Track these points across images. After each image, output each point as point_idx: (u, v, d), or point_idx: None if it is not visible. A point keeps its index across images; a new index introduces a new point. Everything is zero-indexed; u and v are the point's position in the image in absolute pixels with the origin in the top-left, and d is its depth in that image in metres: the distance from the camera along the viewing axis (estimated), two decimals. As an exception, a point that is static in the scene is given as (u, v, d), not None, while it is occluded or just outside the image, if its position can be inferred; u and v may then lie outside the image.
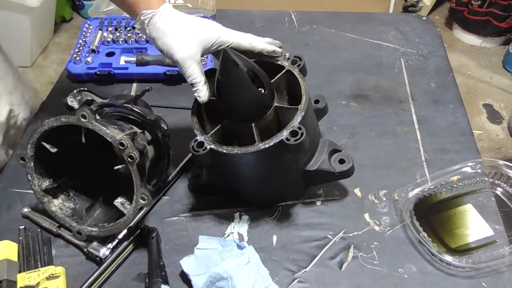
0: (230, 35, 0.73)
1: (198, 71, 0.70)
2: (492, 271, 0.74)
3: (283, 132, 0.68)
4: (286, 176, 0.78)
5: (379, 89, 1.08)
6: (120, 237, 0.75)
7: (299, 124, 0.68)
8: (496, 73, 2.58)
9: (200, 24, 0.72)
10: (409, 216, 0.79)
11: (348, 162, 0.77)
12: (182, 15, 0.72)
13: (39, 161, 0.74)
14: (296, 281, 0.73)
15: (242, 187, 0.83)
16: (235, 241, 0.76)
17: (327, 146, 0.79)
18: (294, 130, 0.67)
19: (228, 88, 0.69)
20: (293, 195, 0.84)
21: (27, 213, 0.80)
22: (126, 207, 0.74)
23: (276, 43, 0.77)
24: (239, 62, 0.66)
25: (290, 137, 0.67)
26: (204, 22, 0.73)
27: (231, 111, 0.73)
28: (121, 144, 0.65)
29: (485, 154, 2.11)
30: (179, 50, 0.69)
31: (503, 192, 0.85)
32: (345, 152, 0.79)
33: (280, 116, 0.74)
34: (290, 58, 0.79)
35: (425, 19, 1.33)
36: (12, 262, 0.72)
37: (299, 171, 0.77)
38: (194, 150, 0.70)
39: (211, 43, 0.71)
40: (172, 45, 0.69)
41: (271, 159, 0.72)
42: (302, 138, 0.66)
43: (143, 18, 0.70)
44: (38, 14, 2.42)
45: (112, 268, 0.73)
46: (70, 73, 1.09)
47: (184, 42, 0.69)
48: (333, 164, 0.77)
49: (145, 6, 0.69)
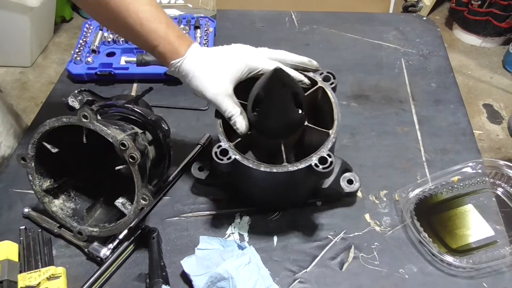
0: (258, 60, 0.71)
1: (231, 104, 0.70)
2: (493, 272, 0.74)
3: (312, 157, 0.67)
4: (298, 191, 0.79)
5: (380, 89, 1.08)
6: (121, 238, 0.75)
7: (328, 151, 0.67)
8: (496, 73, 2.58)
9: (226, 57, 0.71)
10: (409, 217, 0.80)
11: (355, 183, 0.78)
12: (208, 53, 0.72)
13: (40, 161, 0.74)
14: (297, 281, 0.73)
15: (248, 192, 0.83)
16: (236, 241, 0.76)
17: (340, 165, 0.78)
18: (323, 157, 0.66)
19: (269, 105, 0.67)
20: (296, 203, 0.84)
21: (27, 213, 0.80)
22: (127, 207, 0.74)
23: (313, 64, 0.76)
24: (287, 83, 0.64)
25: (319, 163, 0.66)
26: (231, 53, 0.72)
27: (265, 127, 0.71)
28: (122, 145, 0.65)
29: (485, 154, 2.11)
30: (210, 88, 0.69)
31: (504, 192, 0.85)
32: (354, 172, 0.80)
33: (308, 134, 0.73)
34: (323, 73, 0.76)
35: (425, 19, 1.33)
36: (12, 262, 0.72)
37: (311, 188, 0.78)
38: (218, 157, 0.67)
39: (240, 74, 0.71)
40: (202, 85, 0.70)
41: (293, 178, 0.71)
42: (331, 167, 0.65)
43: (172, 69, 0.71)
44: (38, 14, 2.42)
45: (113, 268, 0.73)
46: (71, 73, 1.09)
47: (213, 79, 0.69)
48: (343, 183, 0.79)
49: (174, 56, 0.70)
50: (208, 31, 1.18)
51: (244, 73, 0.71)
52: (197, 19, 1.21)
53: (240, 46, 0.73)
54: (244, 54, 0.72)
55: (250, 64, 0.71)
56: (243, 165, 0.67)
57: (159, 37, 0.69)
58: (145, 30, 0.69)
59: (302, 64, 0.75)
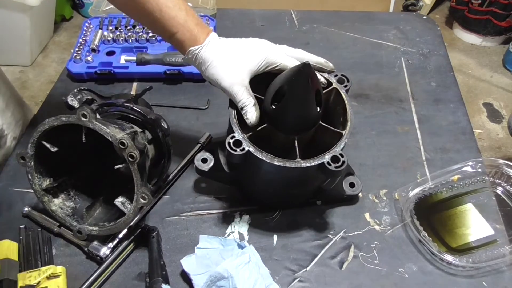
0: (276, 56, 0.71)
1: (246, 95, 0.69)
2: (493, 271, 0.74)
3: (325, 155, 0.67)
4: (303, 189, 0.79)
5: (380, 88, 1.08)
6: (120, 237, 0.75)
7: (341, 151, 0.67)
8: (496, 72, 2.58)
9: (245, 49, 0.71)
10: (409, 216, 0.80)
11: (357, 187, 0.79)
12: (227, 43, 0.72)
13: (40, 160, 0.74)
14: (297, 280, 0.73)
15: (252, 188, 0.82)
16: (235, 240, 0.76)
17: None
18: (336, 156, 0.67)
19: (292, 99, 0.66)
20: (298, 202, 0.84)
21: (27, 213, 0.80)
22: (126, 206, 0.74)
23: (329, 65, 0.77)
24: (313, 79, 0.64)
25: (331, 162, 0.66)
26: (250, 45, 0.72)
27: (283, 121, 0.70)
28: (121, 144, 0.65)
29: (485, 153, 2.11)
30: (226, 77, 0.69)
31: (504, 191, 0.85)
32: (356, 176, 0.81)
33: (320, 133, 0.73)
34: (338, 75, 0.77)
35: (425, 18, 1.33)
36: (12, 261, 0.72)
37: (315, 187, 0.78)
38: (231, 148, 0.67)
39: (258, 67, 0.71)
40: (218, 74, 0.70)
41: (303, 175, 0.71)
42: (343, 166, 0.66)
43: (190, 56, 0.71)
44: (38, 13, 2.41)
45: (113, 267, 0.73)
46: (70, 72, 1.09)
47: (230, 69, 0.69)
48: (345, 186, 0.79)
49: (192, 43, 0.70)
50: (208, 30, 1.18)
51: (261, 66, 0.71)
52: (197, 18, 1.21)
53: (260, 40, 0.73)
54: (264, 47, 0.72)
55: (269, 58, 0.71)
56: (256, 158, 0.67)
57: (178, 24, 0.69)
58: (165, 16, 0.68)
59: (319, 64, 0.76)
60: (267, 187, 0.79)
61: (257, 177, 0.77)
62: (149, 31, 1.16)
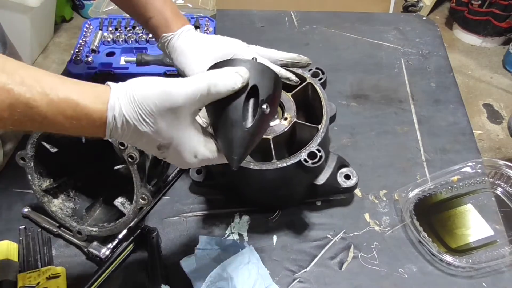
0: (245, 55, 0.72)
1: None
2: (493, 271, 0.74)
3: (301, 152, 0.67)
4: (292, 188, 0.78)
5: (379, 89, 1.08)
6: (120, 237, 0.75)
7: (318, 146, 0.67)
8: (496, 73, 2.58)
9: (216, 43, 0.73)
10: (409, 216, 0.79)
11: (353, 178, 0.78)
12: (200, 36, 0.74)
13: (39, 161, 0.74)
14: (296, 281, 0.73)
15: (245, 192, 0.82)
16: (235, 241, 0.77)
17: (336, 161, 0.78)
18: (313, 152, 0.66)
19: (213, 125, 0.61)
20: (295, 202, 0.84)
21: (27, 213, 0.80)
22: (126, 207, 0.74)
23: (302, 59, 0.76)
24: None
25: (308, 159, 0.66)
26: (221, 40, 0.73)
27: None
28: (121, 144, 0.66)
29: (485, 154, 2.11)
30: (192, 66, 0.71)
31: (503, 192, 0.85)
32: (351, 168, 0.79)
33: (297, 131, 0.73)
34: (312, 69, 0.77)
35: (425, 19, 1.33)
36: (12, 262, 0.72)
37: (306, 184, 0.78)
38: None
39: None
40: (186, 64, 0.71)
41: (285, 175, 0.71)
42: (320, 161, 0.65)
43: (163, 41, 0.73)
44: (38, 14, 2.42)
45: (112, 268, 0.73)
46: (70, 73, 1.09)
47: (198, 59, 0.71)
48: (339, 179, 0.78)
49: (166, 30, 0.73)
50: (208, 30, 1.18)
51: None
52: (196, 18, 1.21)
53: (232, 39, 0.75)
54: (234, 45, 0.73)
55: (237, 56, 0.72)
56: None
57: (154, 9, 0.72)
58: (142, 1, 0.71)
59: (292, 60, 0.76)
60: (256, 191, 0.80)
61: (244, 182, 0.77)
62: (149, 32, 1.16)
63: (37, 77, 0.44)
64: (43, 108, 0.44)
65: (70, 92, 0.45)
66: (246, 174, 0.70)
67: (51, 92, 0.44)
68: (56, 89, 0.44)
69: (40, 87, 0.44)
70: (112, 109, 0.46)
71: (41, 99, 0.43)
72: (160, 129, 0.48)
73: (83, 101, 0.45)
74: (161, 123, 0.47)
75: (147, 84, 0.47)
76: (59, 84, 0.45)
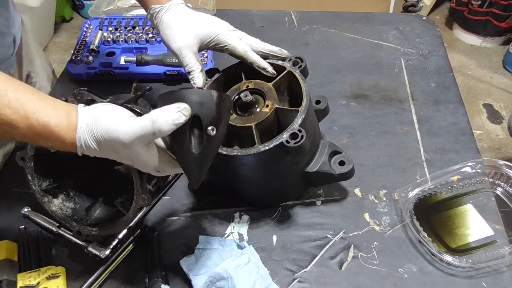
0: (229, 37, 0.75)
1: (194, 60, 0.73)
2: (492, 271, 0.74)
3: (283, 134, 0.68)
4: (286, 177, 0.78)
5: (379, 89, 1.08)
6: (120, 237, 0.75)
7: (299, 127, 0.68)
8: (496, 73, 2.58)
9: (202, 20, 0.75)
10: (409, 216, 0.79)
11: (348, 164, 0.76)
12: (188, 11, 0.76)
13: (39, 161, 0.74)
14: (296, 281, 0.73)
15: (241, 188, 0.82)
16: (235, 241, 0.77)
17: (327, 147, 0.79)
18: (294, 132, 0.67)
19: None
20: (293, 196, 0.84)
21: (27, 213, 0.80)
22: (126, 207, 0.74)
23: (284, 53, 0.80)
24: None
25: (290, 139, 0.67)
26: (208, 19, 0.76)
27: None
28: (121, 144, 0.65)
29: (485, 154, 2.11)
30: (177, 40, 0.73)
31: (503, 192, 0.85)
32: (345, 154, 0.78)
33: (281, 118, 0.74)
34: (292, 59, 0.79)
35: (425, 19, 1.33)
36: (12, 262, 0.72)
37: (299, 173, 0.77)
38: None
39: (209, 39, 0.75)
40: (171, 36, 0.74)
41: (271, 161, 0.71)
42: (302, 141, 0.66)
43: (152, 12, 0.76)
44: (38, 14, 2.42)
45: (112, 268, 0.73)
46: (70, 73, 1.09)
47: (182, 33, 0.73)
48: (333, 166, 0.77)
49: (155, 1, 0.75)
50: (208, 30, 1.18)
51: (212, 40, 0.75)
52: (196, 18, 1.21)
53: (219, 20, 0.77)
54: (218, 26, 0.76)
55: (221, 35, 0.75)
56: (221, 155, 0.69)
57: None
58: None
59: (273, 52, 0.79)
60: (249, 184, 0.80)
61: (235, 176, 0.78)
62: (148, 32, 1.16)
63: (22, 101, 0.52)
64: (22, 130, 0.52)
65: (48, 119, 0.53)
66: (232, 163, 0.72)
67: (32, 117, 0.52)
68: (37, 113, 0.52)
69: (23, 110, 0.52)
70: (79, 139, 0.55)
71: (22, 122, 0.52)
72: (119, 155, 0.56)
73: (57, 129, 0.53)
74: (118, 152, 0.55)
75: (103, 121, 0.54)
76: (40, 108, 0.53)
